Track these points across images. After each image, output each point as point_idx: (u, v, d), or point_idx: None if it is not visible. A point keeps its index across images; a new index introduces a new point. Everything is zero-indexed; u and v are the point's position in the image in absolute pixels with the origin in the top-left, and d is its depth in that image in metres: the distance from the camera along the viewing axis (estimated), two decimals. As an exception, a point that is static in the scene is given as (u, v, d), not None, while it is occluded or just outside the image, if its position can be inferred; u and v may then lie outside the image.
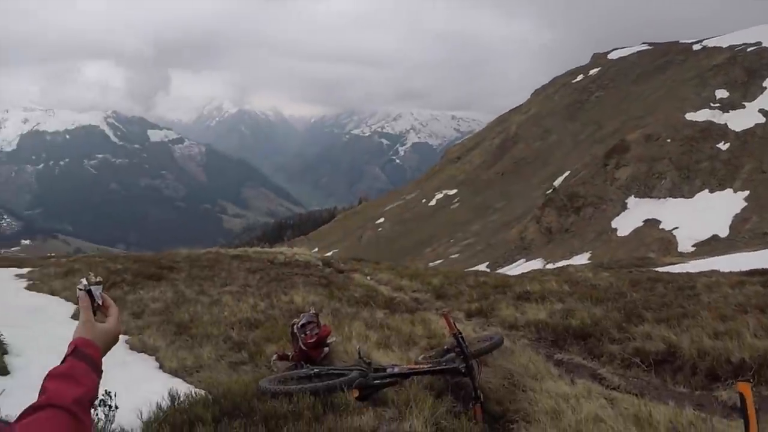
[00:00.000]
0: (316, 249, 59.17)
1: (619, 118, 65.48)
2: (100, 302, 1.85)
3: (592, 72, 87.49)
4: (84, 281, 1.85)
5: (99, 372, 1.68)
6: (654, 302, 8.66)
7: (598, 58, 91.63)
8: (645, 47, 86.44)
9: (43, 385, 1.54)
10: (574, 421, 4.46)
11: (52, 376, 1.57)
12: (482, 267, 42.89)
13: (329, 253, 45.13)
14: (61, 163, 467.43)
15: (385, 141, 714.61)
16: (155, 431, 4.04)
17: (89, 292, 1.83)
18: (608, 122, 67.42)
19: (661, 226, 38.85)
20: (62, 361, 1.64)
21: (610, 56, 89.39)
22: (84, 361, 1.64)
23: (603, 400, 4.91)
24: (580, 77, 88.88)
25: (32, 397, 1.55)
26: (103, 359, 1.79)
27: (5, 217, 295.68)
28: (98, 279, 1.88)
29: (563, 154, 69.45)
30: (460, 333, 5.33)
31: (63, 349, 1.76)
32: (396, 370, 5.34)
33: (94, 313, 1.82)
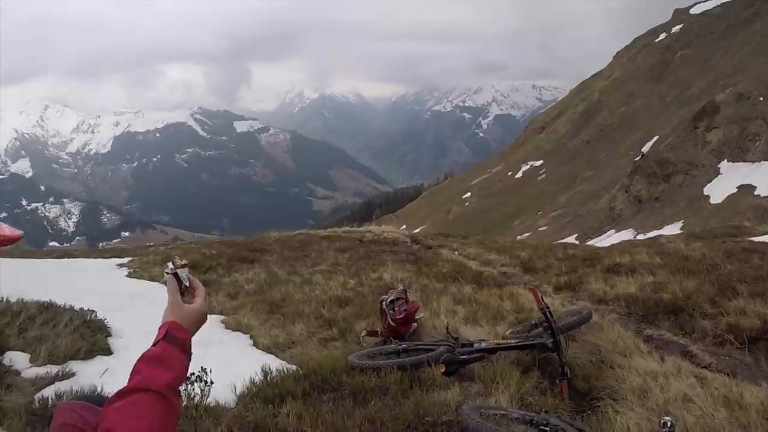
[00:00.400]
0: (404, 226, 59.51)
1: (707, 77, 61.98)
2: (187, 284, 1.91)
3: (675, 29, 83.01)
4: (170, 265, 1.91)
5: (188, 354, 1.73)
6: (749, 275, 8.13)
7: (680, 14, 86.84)
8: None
9: (135, 367, 1.60)
10: (662, 400, 4.33)
11: (145, 358, 1.63)
12: (571, 239, 41.88)
13: (417, 230, 45.19)
14: (154, 159, 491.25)
15: (467, 115, 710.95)
16: (248, 404, 4.20)
17: (176, 275, 1.91)
18: (695, 82, 63.90)
19: (756, 192, 36.33)
20: (153, 344, 1.72)
21: (693, 11, 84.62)
22: (175, 344, 1.70)
23: (693, 379, 4.73)
24: (662, 36, 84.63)
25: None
26: (201, 338, 1.86)
27: (105, 212, 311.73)
28: (183, 262, 1.94)
29: (650, 119, 66.53)
30: (548, 307, 5.25)
31: (160, 331, 1.84)
32: (483, 345, 5.31)
33: (183, 295, 1.88)
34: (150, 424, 1.47)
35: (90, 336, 6.62)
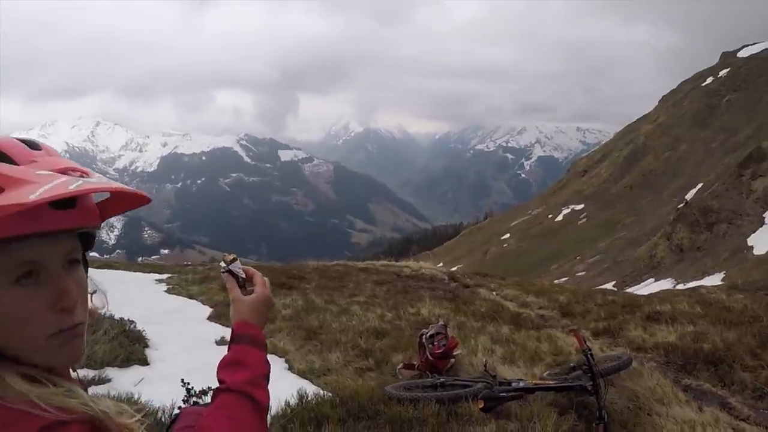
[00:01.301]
0: (441, 264, 59.18)
1: (754, 122, 60.81)
2: (243, 275, 1.97)
3: (722, 73, 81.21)
4: (222, 264, 1.94)
5: (261, 345, 1.75)
6: (791, 327, 7.98)
7: (728, 58, 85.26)
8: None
9: (218, 378, 1.67)
10: (698, 450, 4.27)
11: (221, 366, 1.70)
12: (609, 286, 40.99)
13: (454, 268, 44.94)
14: (198, 181, 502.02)
15: (509, 155, 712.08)
16: (283, 426, 4.24)
17: (230, 271, 1.97)
18: (742, 128, 62.62)
19: (801, 245, 35.30)
20: (228, 350, 1.81)
21: (740, 54, 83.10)
22: (242, 342, 1.76)
23: (730, 431, 4.66)
24: (709, 80, 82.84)
25: (167, 385, 1.69)
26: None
27: (147, 229, 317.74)
28: (233, 256, 1.91)
29: (695, 165, 65.38)
30: (590, 350, 5.21)
31: (196, 345, 1.90)
32: (521, 384, 5.28)
33: (244, 287, 1.94)
34: (238, 423, 1.56)
35: (128, 345, 6.78)
